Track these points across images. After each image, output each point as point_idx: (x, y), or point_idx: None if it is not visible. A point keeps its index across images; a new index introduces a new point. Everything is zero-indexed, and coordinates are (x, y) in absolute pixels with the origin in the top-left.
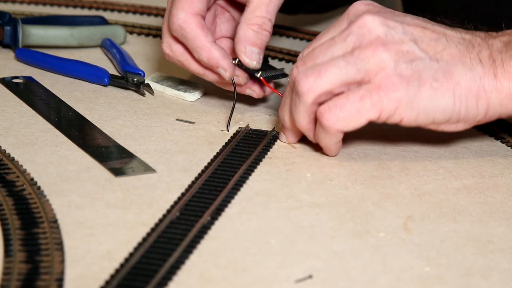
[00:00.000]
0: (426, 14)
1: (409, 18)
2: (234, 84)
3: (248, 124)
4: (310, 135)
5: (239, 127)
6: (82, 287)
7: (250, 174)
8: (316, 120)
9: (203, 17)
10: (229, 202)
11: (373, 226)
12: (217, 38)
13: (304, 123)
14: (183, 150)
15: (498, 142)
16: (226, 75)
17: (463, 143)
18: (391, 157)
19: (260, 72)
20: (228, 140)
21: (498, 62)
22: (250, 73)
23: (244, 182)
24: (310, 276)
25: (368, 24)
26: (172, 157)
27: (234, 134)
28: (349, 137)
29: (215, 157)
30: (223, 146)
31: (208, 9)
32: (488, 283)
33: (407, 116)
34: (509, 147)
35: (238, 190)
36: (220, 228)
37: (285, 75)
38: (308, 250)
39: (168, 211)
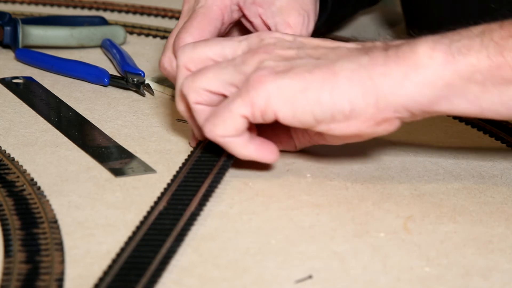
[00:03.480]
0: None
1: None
2: None
3: None
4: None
5: None
6: (82, 287)
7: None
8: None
9: None
10: (213, 191)
11: (373, 226)
12: None
13: (181, 108)
14: (183, 151)
15: (498, 142)
16: None
17: (463, 143)
18: (391, 157)
19: None
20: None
21: (392, 51)
22: None
23: (226, 170)
24: (310, 276)
25: (262, 35)
26: (172, 158)
27: None
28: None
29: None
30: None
31: (227, 33)
32: (488, 283)
33: (281, 110)
34: (509, 147)
35: (221, 179)
36: (220, 228)
37: None
38: (308, 250)
39: (156, 203)
